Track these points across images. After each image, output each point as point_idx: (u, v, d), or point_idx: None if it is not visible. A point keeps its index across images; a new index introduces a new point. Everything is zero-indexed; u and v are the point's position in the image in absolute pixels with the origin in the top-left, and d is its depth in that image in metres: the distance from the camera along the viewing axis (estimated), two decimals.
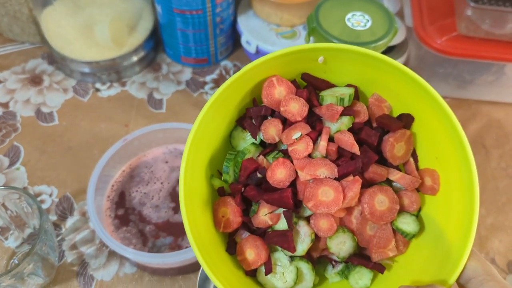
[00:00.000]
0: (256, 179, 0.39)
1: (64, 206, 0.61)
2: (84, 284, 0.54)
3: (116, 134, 0.68)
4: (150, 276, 0.55)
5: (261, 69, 0.38)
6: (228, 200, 0.39)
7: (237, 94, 0.39)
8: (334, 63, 0.39)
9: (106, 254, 0.57)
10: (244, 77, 0.37)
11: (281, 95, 0.39)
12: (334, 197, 0.36)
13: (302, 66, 0.40)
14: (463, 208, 0.35)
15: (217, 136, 0.40)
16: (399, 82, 0.38)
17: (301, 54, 0.38)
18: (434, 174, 0.39)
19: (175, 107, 0.72)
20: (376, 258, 0.39)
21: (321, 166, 0.37)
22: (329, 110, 0.38)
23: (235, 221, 0.39)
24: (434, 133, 0.38)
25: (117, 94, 0.73)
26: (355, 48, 0.37)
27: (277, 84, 0.39)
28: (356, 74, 0.40)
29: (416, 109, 0.39)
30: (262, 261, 0.38)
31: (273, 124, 0.39)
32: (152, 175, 0.59)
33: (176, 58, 0.77)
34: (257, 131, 0.40)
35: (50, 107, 0.71)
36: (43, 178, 0.63)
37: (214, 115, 0.38)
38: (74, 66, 0.73)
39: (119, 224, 0.55)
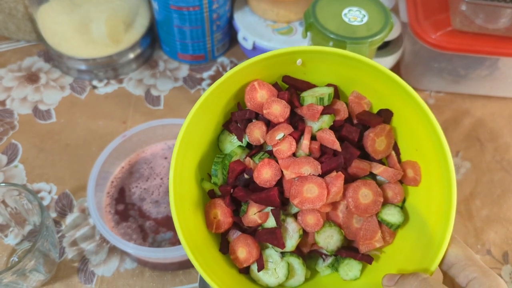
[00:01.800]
0: (243, 180, 0.40)
1: (63, 203, 0.61)
2: (85, 280, 0.55)
3: (114, 131, 0.68)
4: (151, 271, 0.56)
5: (243, 74, 0.39)
6: (219, 202, 0.41)
7: (221, 99, 0.40)
8: (313, 64, 0.41)
9: (106, 250, 0.57)
10: (227, 83, 0.39)
11: (263, 98, 0.40)
12: (318, 193, 0.38)
13: (282, 69, 0.41)
14: (442, 198, 0.37)
15: (204, 140, 0.41)
16: (376, 80, 0.39)
17: (280, 57, 0.39)
18: (416, 166, 0.40)
19: (172, 103, 0.72)
20: (364, 250, 0.40)
21: (305, 164, 0.38)
22: (310, 110, 0.40)
23: (226, 222, 0.40)
24: (412, 127, 0.39)
25: (114, 91, 0.73)
26: (331, 50, 0.38)
27: (259, 88, 0.40)
28: (335, 73, 0.42)
29: (395, 104, 0.40)
30: (254, 259, 0.40)
31: (257, 126, 0.41)
32: (151, 171, 0.60)
33: (173, 55, 0.77)
34: (242, 134, 0.41)
35: (47, 105, 0.71)
36: (42, 176, 0.63)
37: (200, 120, 0.39)
38: (70, 63, 0.73)
39: (119, 219, 0.56)
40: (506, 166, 0.68)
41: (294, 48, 0.38)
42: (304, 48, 0.39)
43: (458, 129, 0.71)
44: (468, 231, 0.61)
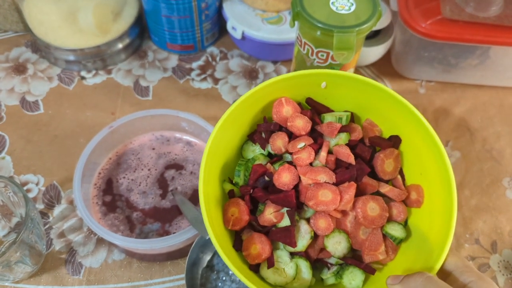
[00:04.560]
0: (263, 182, 0.43)
1: (51, 194, 0.60)
2: (72, 271, 0.55)
3: (103, 122, 0.67)
4: (139, 262, 0.56)
5: (270, 90, 0.44)
6: (237, 201, 0.43)
7: (247, 112, 0.45)
8: (334, 89, 0.45)
9: (94, 242, 0.57)
10: (254, 96, 0.43)
11: (288, 113, 0.45)
12: (332, 198, 0.41)
13: (307, 90, 0.46)
14: (443, 216, 0.40)
15: (229, 148, 0.46)
16: (389, 107, 0.44)
17: (306, 78, 0.44)
18: (419, 189, 0.44)
19: (161, 94, 0.71)
20: (368, 260, 0.42)
21: (321, 173, 0.42)
22: (329, 127, 0.44)
23: (243, 220, 0.43)
24: (419, 152, 0.43)
25: (103, 82, 0.73)
26: (351, 75, 0.43)
27: (285, 104, 0.45)
28: (353, 99, 0.46)
29: (404, 131, 0.45)
30: (266, 255, 0.42)
31: (280, 137, 0.45)
32: (139, 162, 0.59)
33: (162, 45, 0.76)
34: (265, 144, 0.45)
35: (35, 96, 0.70)
36: (29, 167, 0.63)
37: (227, 129, 0.43)
38: (58, 54, 0.72)
39: (106, 211, 0.55)
40: (495, 155, 0.67)
41: (318, 71, 0.44)
42: (329, 71, 0.44)
43: (449, 118, 0.71)
44: (457, 221, 0.61)
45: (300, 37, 0.58)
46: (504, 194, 0.64)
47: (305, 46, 0.57)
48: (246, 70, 0.75)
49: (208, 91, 0.72)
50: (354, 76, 0.43)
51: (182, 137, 0.62)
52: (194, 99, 0.71)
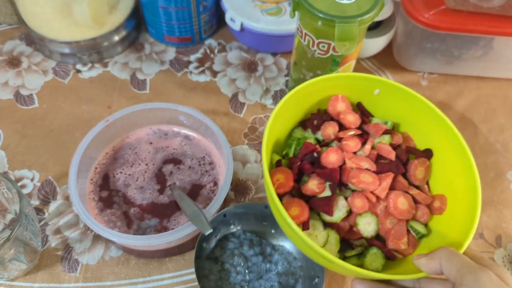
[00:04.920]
0: (311, 157, 0.49)
1: (46, 190, 0.59)
2: (69, 268, 0.53)
3: (99, 116, 0.66)
4: (137, 259, 0.54)
5: (325, 85, 0.51)
6: (284, 169, 0.48)
7: (302, 100, 0.51)
8: (383, 98, 0.52)
9: (91, 238, 0.55)
10: (309, 88, 0.49)
11: (342, 109, 0.52)
12: (372, 180, 0.46)
13: (359, 94, 0.53)
14: (464, 221, 0.44)
15: (282, 128, 0.52)
16: (428, 121, 0.50)
17: (360, 81, 0.51)
18: (443, 198, 0.49)
19: (159, 87, 0.70)
20: (391, 246, 0.46)
21: (364, 160, 0.48)
22: (375, 126, 0.51)
23: (287, 185, 0.47)
24: (448, 166, 0.49)
25: (99, 75, 0.71)
26: (401, 87, 0.50)
27: (341, 100, 0.53)
28: (396, 112, 0.53)
29: (437, 145, 0.51)
30: (304, 218, 0.45)
31: (332, 125, 0.51)
32: (136, 157, 0.58)
33: (159, 37, 0.75)
34: (316, 130, 0.52)
35: (30, 90, 0.69)
36: (24, 162, 0.61)
37: (284, 111, 0.48)
38: (53, 46, 0.70)
39: (103, 206, 0.54)
40: (499, 148, 0.66)
41: (373, 76, 0.51)
42: (382, 79, 0.51)
43: (451, 111, 0.69)
44: None
45: (300, 28, 0.56)
46: (508, 188, 0.63)
47: (306, 37, 0.56)
48: (245, 63, 0.74)
49: (207, 84, 0.71)
50: (402, 88, 0.50)
51: (180, 131, 0.61)
52: (192, 92, 0.70)
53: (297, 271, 0.53)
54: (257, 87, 0.71)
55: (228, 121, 0.67)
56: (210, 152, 0.59)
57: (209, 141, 0.60)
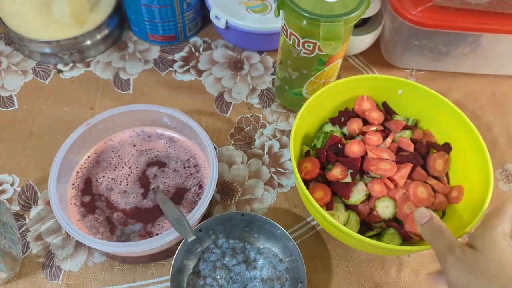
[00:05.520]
0: (336, 148, 0.55)
1: (27, 195, 0.58)
2: (50, 276, 0.52)
3: (81, 118, 0.64)
4: (121, 264, 0.53)
5: (351, 85, 0.57)
6: (312, 158, 0.55)
7: (330, 98, 0.57)
8: (406, 98, 0.58)
9: (73, 244, 0.54)
10: (336, 88, 0.55)
11: (366, 107, 0.58)
12: (390, 168, 0.51)
13: (383, 94, 0.59)
14: (477, 204, 0.49)
15: (311, 124, 0.58)
16: (448, 118, 0.55)
17: (385, 82, 0.57)
18: (460, 189, 0.53)
19: (142, 87, 0.68)
20: (408, 229, 0.51)
21: (385, 152, 0.53)
22: (396, 123, 0.57)
23: (314, 172, 0.54)
24: (465, 159, 0.54)
25: (81, 75, 0.69)
26: (424, 88, 0.56)
27: (366, 100, 0.59)
28: (419, 111, 0.58)
29: (456, 141, 0.55)
30: (327, 200, 0.52)
31: (357, 121, 0.57)
32: (119, 160, 0.57)
33: (143, 36, 0.73)
34: (343, 126, 0.58)
35: (9, 91, 0.67)
36: (4, 167, 0.60)
37: (313, 108, 0.54)
38: (33, 46, 0.68)
39: (85, 212, 0.53)
40: (487, 146, 0.65)
41: (397, 78, 0.57)
42: (406, 80, 0.57)
43: None
44: None
45: (285, 27, 0.55)
46: (496, 186, 0.62)
47: (291, 36, 0.55)
48: (231, 61, 0.72)
49: (192, 83, 0.69)
50: (424, 88, 0.56)
51: (164, 133, 0.59)
52: (177, 91, 0.68)
53: (283, 274, 0.52)
54: (243, 86, 0.69)
55: (213, 121, 0.65)
56: (195, 154, 0.58)
57: (193, 142, 0.58)
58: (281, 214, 0.58)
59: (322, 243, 0.56)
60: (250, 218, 0.52)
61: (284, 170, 0.61)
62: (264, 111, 0.67)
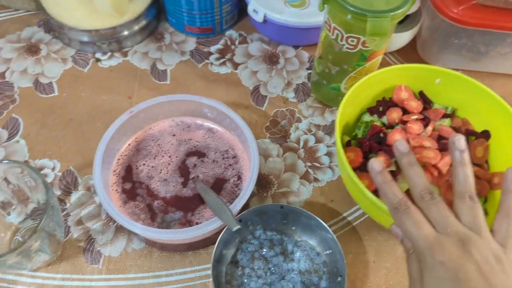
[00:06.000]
0: (378, 137, 0.54)
1: (67, 180, 0.59)
2: (91, 260, 0.53)
3: (119, 107, 0.65)
4: (159, 252, 0.54)
5: (390, 75, 0.57)
6: (355, 148, 0.55)
7: (368, 89, 0.57)
8: (444, 86, 0.57)
9: (113, 230, 0.55)
10: (375, 78, 0.55)
11: (405, 96, 0.58)
12: (434, 155, 0.50)
13: (420, 84, 0.58)
14: None
15: (351, 114, 0.58)
16: (486, 106, 0.55)
17: (422, 71, 0.57)
18: (501, 175, 0.51)
19: (179, 78, 0.69)
20: None
21: (426, 140, 0.52)
22: (435, 111, 0.56)
23: (357, 161, 0.53)
24: (504, 147, 0.53)
25: (119, 65, 0.70)
26: (462, 76, 0.55)
27: (404, 90, 0.58)
28: (456, 100, 0.58)
29: (495, 128, 0.55)
30: (374, 187, 0.50)
31: (396, 111, 0.56)
32: (159, 149, 0.57)
33: (180, 27, 0.74)
34: (382, 115, 0.57)
35: (49, 78, 0.68)
36: (45, 152, 0.61)
37: (355, 97, 0.54)
38: (72, 34, 0.69)
39: (126, 198, 0.53)
40: None
41: (435, 67, 0.56)
42: (444, 69, 0.56)
43: None
44: None
45: (329, 22, 0.55)
46: None
47: (335, 31, 0.55)
48: (266, 55, 0.73)
49: (228, 76, 0.70)
50: (462, 76, 0.55)
51: (203, 123, 0.60)
52: (213, 84, 0.69)
53: (321, 268, 0.52)
54: (279, 80, 0.70)
55: (249, 114, 0.66)
56: (233, 146, 0.58)
57: (232, 134, 0.59)
58: (317, 209, 0.58)
59: (358, 238, 0.56)
60: (290, 211, 0.53)
61: (320, 164, 0.62)
62: (299, 105, 0.67)
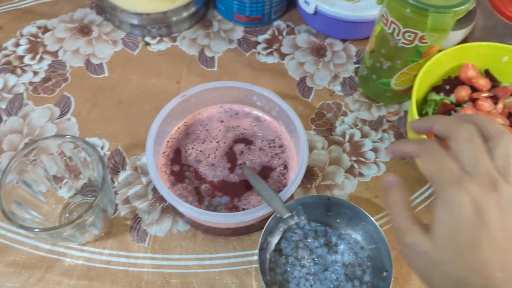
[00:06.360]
0: (449, 115, 0.53)
1: (116, 160, 0.60)
2: (137, 238, 0.54)
3: (168, 90, 0.66)
4: (204, 235, 0.55)
5: (457, 54, 0.58)
6: None
7: (437, 68, 0.58)
8: (510, 65, 0.58)
9: (159, 210, 0.56)
10: (444, 57, 0.57)
11: (472, 75, 0.59)
12: None
13: (486, 62, 0.60)
14: None
15: (420, 92, 0.58)
16: None
17: (489, 49, 0.58)
18: None
19: (227, 66, 0.69)
20: None
21: (498, 117, 0.54)
22: (503, 89, 0.57)
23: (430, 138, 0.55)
24: None
25: (168, 49, 0.71)
26: None
27: (471, 68, 0.59)
28: None
29: None
30: None
31: (465, 89, 0.58)
32: (207, 134, 0.58)
33: (228, 16, 0.74)
34: (449, 93, 0.59)
35: (100, 59, 0.69)
36: (94, 130, 0.62)
37: (424, 77, 0.56)
38: (124, 17, 0.71)
39: (174, 180, 0.54)
40: None
41: (505, 45, 0.58)
42: (510, 47, 0.57)
43: None
44: None
45: (386, 15, 0.55)
46: None
47: (391, 25, 0.54)
48: (314, 47, 0.72)
49: (274, 66, 0.70)
50: None
51: (251, 111, 0.60)
52: (260, 73, 0.69)
53: (365, 262, 0.52)
54: (326, 72, 0.69)
55: (295, 105, 0.66)
56: (280, 135, 0.58)
57: (280, 123, 0.59)
58: (362, 203, 0.58)
59: None
60: (335, 203, 0.53)
61: (365, 159, 0.61)
62: (346, 99, 0.67)
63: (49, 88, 0.66)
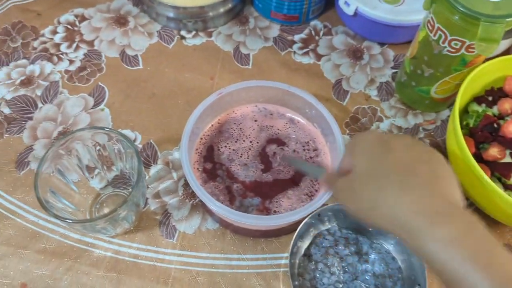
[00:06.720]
0: (491, 127, 0.54)
1: (148, 153, 0.60)
2: (166, 234, 0.54)
3: (201, 86, 0.65)
4: (232, 234, 0.54)
5: (500, 65, 0.57)
6: (466, 137, 0.53)
7: (480, 79, 0.57)
8: None
9: (188, 207, 0.56)
10: (489, 67, 0.55)
11: None
12: None
13: None
14: None
15: (461, 102, 0.56)
16: None
17: None
18: None
19: (262, 64, 0.69)
20: None
21: None
22: None
23: (470, 151, 0.51)
24: None
25: (203, 44, 0.70)
26: None
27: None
28: None
29: None
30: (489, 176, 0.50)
31: (508, 101, 0.56)
32: (241, 132, 0.57)
33: (265, 13, 0.73)
34: (492, 105, 0.57)
35: (135, 50, 0.69)
36: (127, 122, 0.62)
37: (468, 87, 0.55)
38: (161, 9, 0.70)
39: (206, 178, 0.54)
40: None
41: None
42: None
43: None
44: None
45: (432, 22, 0.53)
46: None
47: (438, 31, 0.53)
48: (351, 49, 0.71)
49: (310, 67, 0.69)
50: None
51: (286, 113, 0.59)
52: (295, 73, 0.68)
53: (396, 273, 0.51)
54: (362, 76, 0.68)
55: (329, 108, 0.63)
56: (314, 138, 0.57)
57: (315, 126, 0.58)
58: None
59: None
60: None
61: None
62: (382, 104, 0.65)
63: (84, 77, 0.66)
